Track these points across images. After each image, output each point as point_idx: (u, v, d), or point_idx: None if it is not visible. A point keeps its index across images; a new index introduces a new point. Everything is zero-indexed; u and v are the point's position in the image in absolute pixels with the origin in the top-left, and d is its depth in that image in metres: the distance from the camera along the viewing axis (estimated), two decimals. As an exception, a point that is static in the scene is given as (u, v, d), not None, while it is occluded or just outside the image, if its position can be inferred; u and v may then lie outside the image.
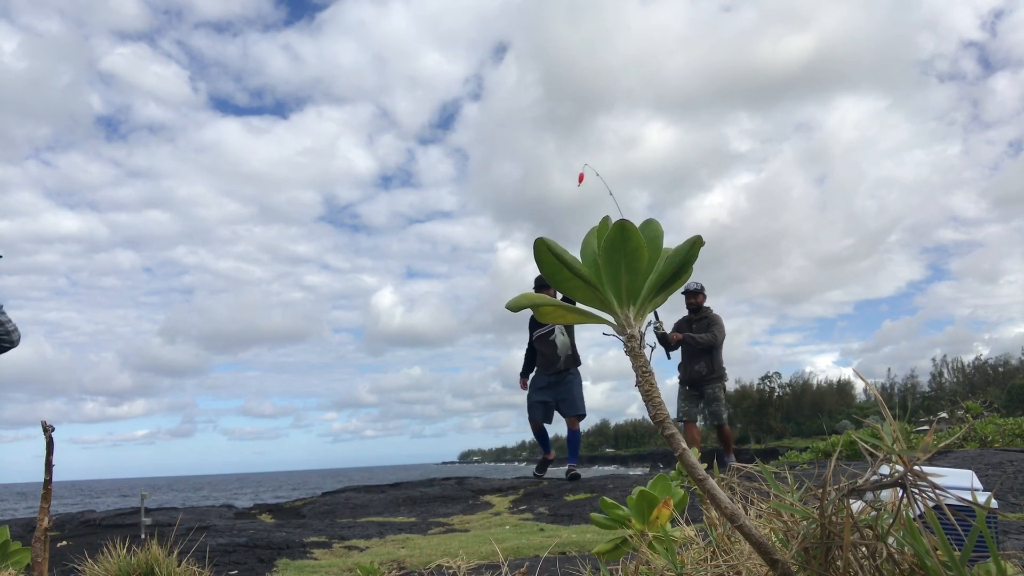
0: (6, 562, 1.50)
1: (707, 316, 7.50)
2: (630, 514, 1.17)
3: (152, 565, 1.39)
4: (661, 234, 0.88)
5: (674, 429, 0.84)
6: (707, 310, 7.53)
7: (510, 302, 0.94)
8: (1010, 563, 0.74)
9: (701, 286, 7.59)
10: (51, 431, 1.34)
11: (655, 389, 0.85)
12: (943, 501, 0.71)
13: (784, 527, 0.83)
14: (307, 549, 3.76)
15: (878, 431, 0.76)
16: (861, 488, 0.76)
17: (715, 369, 7.33)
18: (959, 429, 7.53)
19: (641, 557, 1.05)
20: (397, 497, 7.31)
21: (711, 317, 7.47)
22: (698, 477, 0.82)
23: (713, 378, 7.32)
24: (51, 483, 1.37)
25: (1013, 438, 7.16)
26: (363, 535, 4.37)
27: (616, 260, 0.83)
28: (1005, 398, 53.55)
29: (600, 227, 0.86)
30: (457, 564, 1.47)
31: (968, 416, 8.28)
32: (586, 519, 4.35)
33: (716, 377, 7.33)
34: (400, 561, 3.14)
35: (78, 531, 5.31)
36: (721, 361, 7.43)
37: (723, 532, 0.98)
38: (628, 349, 0.86)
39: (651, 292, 0.86)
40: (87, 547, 2.12)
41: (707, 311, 7.52)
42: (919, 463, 0.73)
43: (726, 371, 7.50)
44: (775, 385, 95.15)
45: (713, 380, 7.31)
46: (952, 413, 10.17)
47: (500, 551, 3.10)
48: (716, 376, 7.33)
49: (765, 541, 0.77)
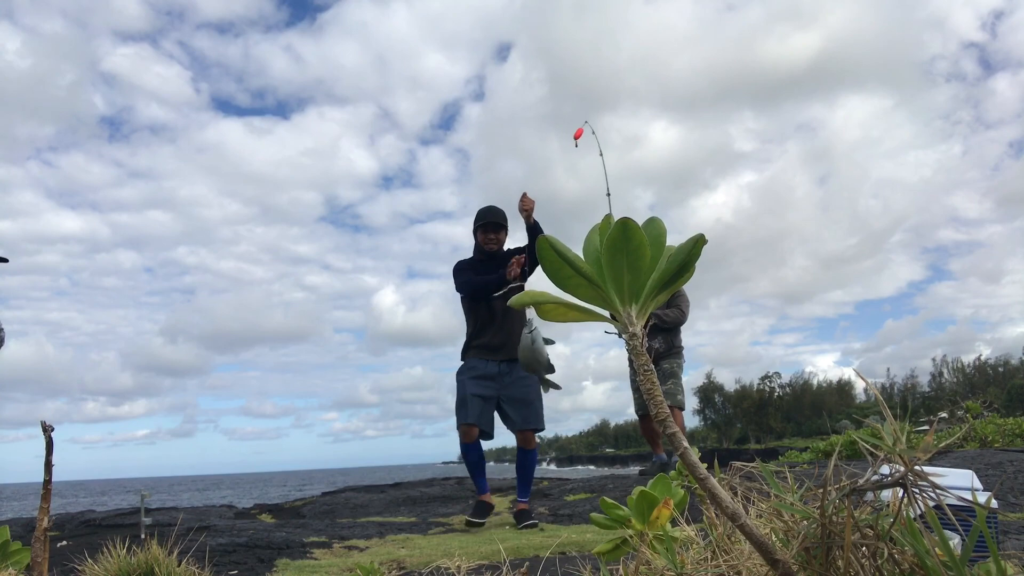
0: (6, 562, 1.50)
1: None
2: (630, 514, 1.17)
3: (152, 565, 1.39)
4: (664, 232, 0.88)
5: (676, 428, 0.84)
6: None
7: (512, 300, 0.94)
8: (1010, 563, 0.74)
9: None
10: (51, 431, 1.34)
11: (656, 388, 0.85)
12: (943, 501, 0.71)
13: (785, 527, 0.83)
14: (307, 549, 3.75)
15: (878, 431, 0.76)
16: (862, 488, 0.76)
17: (674, 345, 6.47)
18: (959, 429, 7.53)
19: (641, 557, 1.05)
20: (397, 497, 7.32)
21: (680, 292, 6.50)
22: (699, 476, 0.82)
23: (672, 353, 6.45)
24: (51, 483, 1.37)
25: (1013, 438, 7.16)
26: (363, 535, 4.37)
27: (618, 258, 0.83)
28: (1005, 398, 53.58)
29: (602, 225, 0.86)
30: (457, 564, 1.47)
31: (968, 416, 8.28)
32: (586, 519, 4.35)
33: (675, 353, 6.47)
34: (400, 561, 3.13)
35: (78, 531, 5.31)
36: (680, 338, 6.59)
37: (723, 532, 0.98)
38: (630, 347, 0.86)
39: (653, 291, 0.86)
40: (87, 547, 2.12)
41: None
42: (919, 463, 0.73)
43: (683, 349, 6.62)
44: (775, 385, 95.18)
45: (671, 356, 6.45)
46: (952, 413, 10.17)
47: (500, 551, 3.10)
48: (675, 352, 6.47)
49: (766, 541, 0.77)
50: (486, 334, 4.68)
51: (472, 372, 4.63)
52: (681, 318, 6.49)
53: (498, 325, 4.65)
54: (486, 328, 4.68)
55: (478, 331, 4.72)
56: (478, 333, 4.72)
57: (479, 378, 4.60)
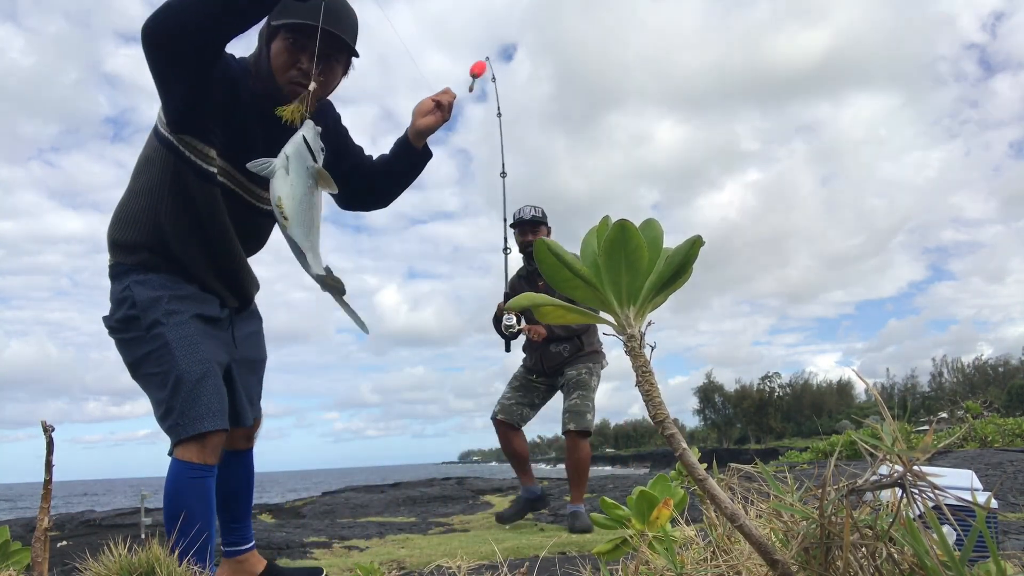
0: (6, 562, 1.50)
1: None
2: (630, 514, 1.17)
3: (153, 564, 1.39)
4: (661, 234, 0.88)
5: (674, 429, 0.84)
6: None
7: (511, 302, 0.94)
8: (1010, 563, 0.74)
9: (543, 213, 4.62)
10: (51, 431, 1.34)
11: (655, 389, 0.85)
12: (943, 501, 0.71)
13: (784, 527, 0.83)
14: (307, 549, 3.75)
15: (878, 431, 0.76)
16: (861, 488, 0.76)
17: (584, 346, 4.51)
18: (959, 429, 7.52)
19: (641, 557, 1.05)
20: (397, 497, 7.31)
21: None
22: (698, 477, 0.82)
23: (582, 356, 4.50)
24: (51, 483, 1.37)
25: (1013, 438, 7.16)
26: (363, 535, 4.37)
27: (616, 260, 0.83)
28: (1005, 398, 53.58)
29: (600, 227, 0.86)
30: (457, 564, 1.47)
31: (968, 416, 8.28)
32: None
33: (587, 354, 4.51)
34: (400, 561, 3.13)
35: (78, 531, 5.31)
36: (597, 336, 4.63)
37: (723, 532, 0.98)
38: (628, 349, 0.86)
39: (651, 292, 0.86)
40: (87, 547, 2.11)
41: None
42: (919, 463, 0.73)
43: (602, 347, 4.64)
44: (775, 385, 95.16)
45: (582, 359, 4.50)
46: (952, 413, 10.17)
47: (500, 551, 3.10)
48: (586, 355, 4.51)
49: (765, 541, 0.77)
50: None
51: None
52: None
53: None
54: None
55: None
56: None
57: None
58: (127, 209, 2.18)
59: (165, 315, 2.06)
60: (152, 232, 2.13)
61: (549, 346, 4.50)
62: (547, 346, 4.48)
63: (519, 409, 4.51)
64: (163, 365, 2.03)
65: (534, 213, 4.56)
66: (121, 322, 2.12)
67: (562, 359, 4.49)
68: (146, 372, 2.08)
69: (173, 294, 2.10)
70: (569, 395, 4.37)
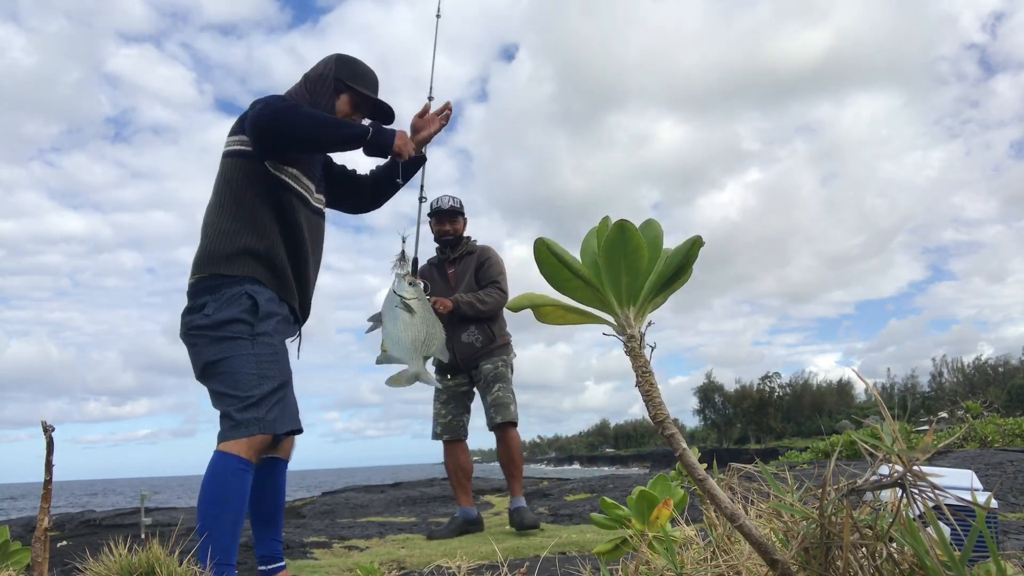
0: (6, 562, 1.50)
1: (477, 254, 4.45)
2: (630, 514, 1.17)
3: (153, 564, 1.39)
4: (661, 234, 0.88)
5: (674, 429, 0.84)
6: (472, 244, 4.50)
7: (511, 302, 0.94)
8: (1010, 563, 0.74)
9: (460, 203, 4.50)
10: (51, 431, 1.34)
11: (655, 389, 0.85)
12: (943, 501, 0.71)
13: (784, 527, 0.83)
14: (307, 549, 3.76)
15: (878, 431, 0.76)
16: (861, 488, 0.76)
17: (496, 336, 4.33)
18: (959, 429, 7.53)
19: (641, 557, 1.05)
20: (397, 497, 7.32)
21: (489, 257, 4.44)
22: (698, 477, 0.82)
23: (494, 348, 4.32)
24: (51, 483, 1.37)
25: (1013, 438, 7.16)
26: (363, 535, 4.37)
27: (616, 260, 0.83)
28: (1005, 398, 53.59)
29: (600, 227, 0.86)
30: (457, 564, 1.48)
31: (968, 416, 8.28)
32: (586, 519, 4.35)
33: (499, 346, 4.34)
34: (400, 561, 3.14)
35: (78, 531, 5.32)
36: (505, 328, 4.46)
37: (723, 532, 0.98)
38: (628, 349, 0.86)
39: (651, 292, 0.86)
40: (87, 547, 2.12)
41: (473, 246, 4.49)
42: (919, 463, 0.73)
43: (511, 338, 4.48)
44: (775, 385, 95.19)
45: (495, 352, 4.31)
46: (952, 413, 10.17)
47: (500, 551, 3.10)
48: (499, 345, 4.34)
49: (765, 541, 0.77)
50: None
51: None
52: (502, 300, 4.30)
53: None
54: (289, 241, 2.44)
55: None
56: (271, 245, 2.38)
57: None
58: (221, 225, 2.36)
59: (274, 331, 2.32)
60: (253, 244, 2.34)
61: (461, 336, 4.27)
62: (458, 335, 4.25)
63: (458, 421, 4.37)
64: (262, 368, 2.23)
65: (452, 203, 4.46)
66: (226, 321, 2.25)
67: (475, 351, 4.28)
68: (237, 370, 2.21)
69: (284, 316, 2.39)
70: (490, 389, 4.25)
